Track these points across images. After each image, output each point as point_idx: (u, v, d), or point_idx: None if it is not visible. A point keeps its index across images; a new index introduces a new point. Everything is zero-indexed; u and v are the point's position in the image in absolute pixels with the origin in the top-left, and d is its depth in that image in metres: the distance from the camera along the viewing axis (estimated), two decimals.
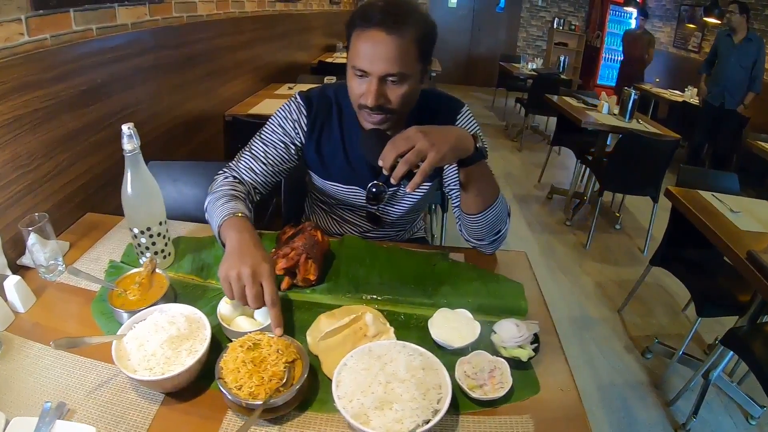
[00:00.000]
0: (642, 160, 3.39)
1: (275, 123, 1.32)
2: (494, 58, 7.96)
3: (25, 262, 1.22)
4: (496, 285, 1.20)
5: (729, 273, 2.26)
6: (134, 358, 0.84)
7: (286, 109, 1.31)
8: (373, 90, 1.07)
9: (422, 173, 0.94)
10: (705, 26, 6.60)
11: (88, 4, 1.64)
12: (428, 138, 0.94)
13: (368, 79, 1.08)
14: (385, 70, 1.06)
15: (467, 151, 1.02)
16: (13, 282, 1.04)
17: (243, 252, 0.98)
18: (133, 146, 1.06)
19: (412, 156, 0.93)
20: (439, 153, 0.94)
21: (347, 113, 1.29)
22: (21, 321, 1.03)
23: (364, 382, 0.79)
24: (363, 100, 1.10)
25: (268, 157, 1.31)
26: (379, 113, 1.12)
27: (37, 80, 1.40)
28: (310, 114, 1.29)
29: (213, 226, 1.15)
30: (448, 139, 0.98)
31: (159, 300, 1.00)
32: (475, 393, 0.85)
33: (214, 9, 2.69)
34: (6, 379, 0.87)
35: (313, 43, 5.53)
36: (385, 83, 1.09)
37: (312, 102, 1.30)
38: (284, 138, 1.31)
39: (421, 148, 0.93)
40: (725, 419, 2.14)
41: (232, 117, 2.83)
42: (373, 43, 1.05)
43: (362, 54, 1.06)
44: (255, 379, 0.77)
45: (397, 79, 1.08)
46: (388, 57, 1.05)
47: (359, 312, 0.99)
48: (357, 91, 1.12)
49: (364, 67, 1.07)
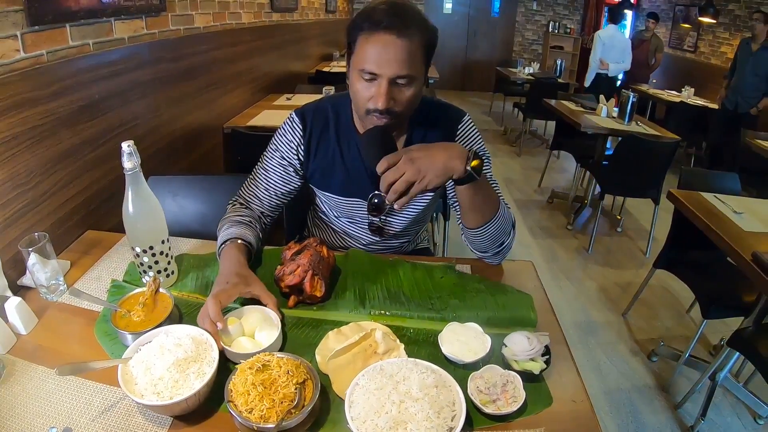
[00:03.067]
0: (642, 162, 3.39)
1: (273, 148, 1.34)
2: (491, 62, 8.00)
3: (25, 282, 1.20)
4: (505, 297, 1.19)
5: (733, 274, 2.25)
6: (141, 382, 0.82)
7: (281, 132, 1.33)
8: (384, 92, 1.07)
9: (409, 197, 1.01)
10: (700, 26, 6.64)
11: (84, 18, 1.63)
12: (416, 165, 0.99)
13: (377, 82, 1.08)
14: (396, 72, 1.06)
15: (457, 173, 1.03)
16: (15, 303, 1.02)
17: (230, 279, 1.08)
18: (133, 164, 1.05)
19: (400, 185, 0.99)
20: (425, 181, 0.99)
21: (345, 126, 1.29)
22: (23, 343, 1.01)
23: (378, 402, 0.78)
24: (372, 104, 1.10)
25: (269, 182, 1.34)
26: (388, 116, 1.11)
27: (35, 97, 1.39)
28: (305, 130, 1.30)
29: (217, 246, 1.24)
30: (435, 165, 1.00)
31: (164, 321, 0.98)
32: (489, 408, 0.84)
33: (210, 21, 2.69)
34: (10, 403, 0.86)
35: (310, 53, 5.54)
36: (394, 86, 1.09)
37: (306, 118, 1.30)
38: (282, 162, 1.32)
39: (408, 177, 0.98)
40: (734, 420, 2.13)
41: (231, 129, 2.82)
42: (383, 45, 1.05)
43: (372, 57, 1.06)
44: (266, 402, 0.76)
45: (406, 81, 1.09)
46: (397, 59, 1.05)
47: (368, 329, 0.98)
48: (365, 94, 1.11)
49: (373, 69, 1.06)
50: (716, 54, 6.47)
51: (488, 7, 9.25)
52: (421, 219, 1.46)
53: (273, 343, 0.94)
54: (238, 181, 1.65)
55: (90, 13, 1.65)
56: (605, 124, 3.80)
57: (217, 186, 1.71)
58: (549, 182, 4.82)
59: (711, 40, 6.59)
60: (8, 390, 0.88)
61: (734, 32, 6.03)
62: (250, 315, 1.02)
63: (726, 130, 4.87)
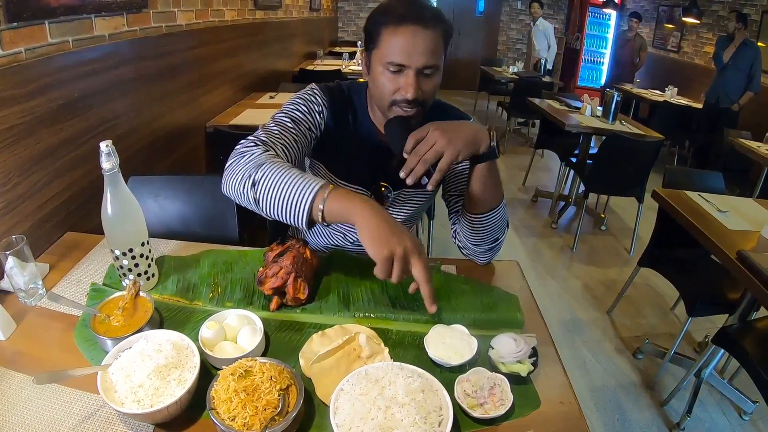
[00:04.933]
0: (626, 161, 3.42)
1: (300, 103, 1.24)
2: (475, 61, 8.00)
3: (3, 286, 1.16)
4: (491, 297, 1.18)
5: (717, 272, 2.28)
6: (121, 389, 0.80)
7: (308, 96, 1.25)
8: (413, 82, 1.08)
9: (440, 171, 1.00)
10: (684, 26, 6.73)
11: (63, 15, 1.59)
12: (445, 136, 1.00)
13: (405, 73, 1.09)
14: (424, 62, 1.08)
15: (484, 145, 1.06)
16: None
17: (393, 226, 0.91)
18: (111, 164, 1.02)
19: (430, 155, 0.99)
20: (455, 150, 1.00)
21: (360, 112, 1.29)
22: (1, 349, 0.99)
23: (363, 408, 0.76)
24: (401, 94, 1.10)
25: (299, 132, 1.20)
26: (415, 106, 1.12)
27: (13, 95, 1.36)
28: (330, 106, 1.26)
29: (292, 192, 0.95)
30: (464, 137, 1.02)
31: (144, 326, 0.96)
32: (476, 412, 0.83)
33: (193, 18, 2.65)
34: None
35: (294, 51, 5.50)
36: (420, 76, 1.10)
37: (334, 94, 1.27)
38: (309, 118, 1.23)
39: (438, 148, 0.99)
40: (719, 416, 2.16)
41: (214, 128, 2.79)
42: (411, 37, 1.06)
43: (399, 49, 1.07)
44: (249, 409, 0.74)
45: (432, 71, 1.11)
46: (425, 50, 1.07)
47: (352, 332, 0.96)
48: (390, 87, 1.11)
49: (402, 61, 1.07)
50: (699, 54, 6.55)
51: (472, 6, 9.26)
52: (414, 216, 1.45)
53: (256, 348, 0.93)
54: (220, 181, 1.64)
55: (70, 9, 1.62)
56: (589, 123, 3.82)
57: (198, 186, 1.69)
58: (533, 181, 4.85)
59: (694, 40, 6.67)
60: None
61: (717, 32, 6.11)
62: (232, 319, 1.00)
63: (710, 128, 4.97)
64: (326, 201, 0.93)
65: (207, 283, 1.19)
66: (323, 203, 0.93)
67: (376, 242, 0.88)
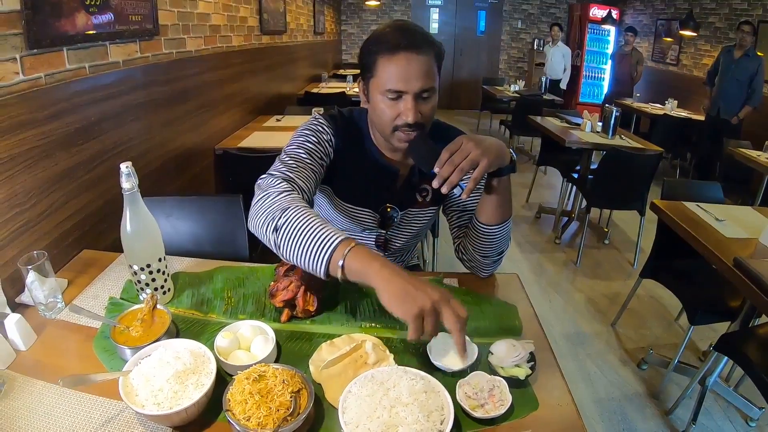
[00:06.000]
0: (626, 175, 3.46)
1: (309, 134, 1.27)
2: (477, 81, 8.12)
3: (24, 300, 1.22)
4: (490, 307, 1.23)
5: (718, 280, 2.29)
6: (142, 393, 0.85)
7: (315, 127, 1.29)
8: (412, 107, 1.13)
9: (475, 180, 1.04)
10: (681, 39, 6.81)
11: (80, 42, 1.67)
12: (480, 147, 1.04)
13: (403, 98, 1.14)
14: (421, 86, 1.13)
15: (508, 158, 1.12)
16: (14, 320, 1.04)
17: (415, 282, 0.90)
18: (131, 185, 1.08)
19: (466, 164, 1.03)
20: (489, 160, 1.04)
21: (366, 136, 1.33)
22: (22, 359, 1.03)
23: (369, 407, 0.81)
24: (402, 119, 1.15)
25: (314, 163, 1.23)
26: (416, 129, 1.17)
27: (32, 119, 1.42)
28: (336, 133, 1.30)
29: (313, 244, 0.95)
30: (494, 148, 1.07)
31: (162, 336, 1.01)
32: (477, 412, 0.87)
33: (202, 44, 2.75)
34: (10, 417, 0.87)
35: (299, 74, 5.62)
36: (419, 99, 1.15)
37: (338, 122, 1.32)
38: (320, 147, 1.26)
39: (474, 157, 1.03)
40: (725, 423, 2.16)
41: (223, 150, 2.86)
42: (406, 64, 1.11)
43: (397, 76, 1.12)
44: (263, 410, 0.79)
45: (429, 93, 1.16)
46: (421, 74, 1.12)
47: (359, 340, 1.01)
48: (391, 113, 1.16)
49: (399, 87, 1.12)
50: (698, 66, 6.62)
51: (474, 26, 9.43)
52: (420, 233, 1.50)
53: (268, 355, 0.97)
54: (231, 202, 1.69)
55: (86, 37, 1.70)
56: (589, 139, 3.87)
57: (210, 206, 1.73)
58: (536, 197, 4.90)
59: (693, 53, 6.75)
60: (9, 405, 0.90)
61: (715, 44, 6.18)
62: (245, 329, 1.05)
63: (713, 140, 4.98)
64: (346, 259, 0.92)
65: (220, 296, 1.24)
66: (343, 260, 0.92)
67: (402, 302, 0.87)
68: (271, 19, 4.15)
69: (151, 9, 2.11)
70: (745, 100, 4.80)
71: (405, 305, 0.86)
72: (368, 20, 9.31)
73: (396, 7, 9.26)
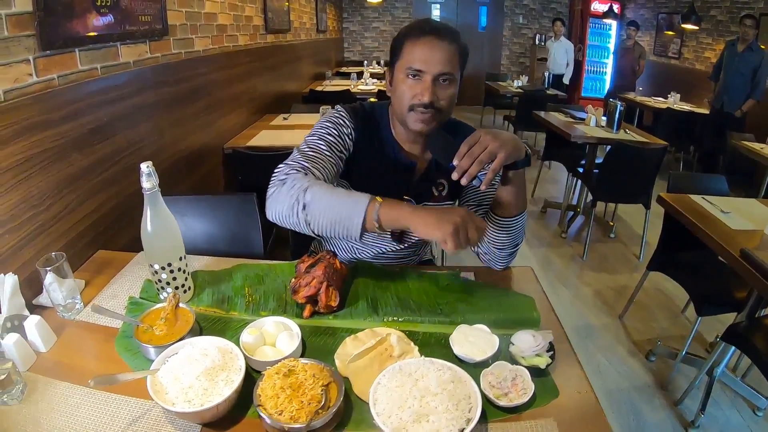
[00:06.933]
0: (632, 169, 3.48)
1: (330, 126, 1.30)
2: (479, 77, 8.11)
3: (41, 301, 1.22)
4: (508, 299, 1.25)
5: (724, 272, 2.32)
6: (172, 391, 0.85)
7: (337, 119, 1.32)
8: (429, 87, 1.19)
9: (494, 171, 1.08)
10: (683, 33, 6.81)
11: (92, 43, 1.68)
12: (497, 140, 1.07)
13: (422, 78, 1.19)
14: (440, 69, 1.18)
15: (523, 152, 1.15)
16: (34, 321, 1.04)
17: (441, 210, 1.05)
18: (152, 184, 1.08)
19: (485, 156, 1.05)
20: (507, 153, 1.07)
21: (384, 130, 1.37)
22: (43, 360, 1.03)
23: (400, 398, 0.83)
24: (418, 99, 1.20)
25: (332, 155, 1.26)
26: (431, 110, 1.21)
27: (47, 120, 1.43)
28: (356, 127, 1.34)
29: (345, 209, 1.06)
30: (511, 142, 1.10)
31: (186, 334, 1.01)
32: (502, 401, 0.90)
33: (209, 44, 2.76)
34: (35, 419, 0.87)
35: (303, 73, 5.63)
36: (437, 83, 1.20)
37: (358, 115, 1.36)
38: (341, 140, 1.30)
39: (492, 149, 1.06)
40: (732, 413, 2.18)
41: (232, 149, 2.88)
42: (429, 46, 1.18)
43: (418, 56, 1.19)
44: (295, 404, 0.80)
45: (448, 80, 1.21)
46: (441, 59, 1.18)
47: (384, 334, 1.03)
48: (410, 92, 1.21)
49: (420, 67, 1.18)
50: (700, 59, 6.63)
51: (475, 22, 9.42)
52: None
53: (294, 351, 0.99)
54: (246, 200, 1.70)
55: (98, 38, 1.71)
56: (594, 133, 3.89)
57: (224, 205, 1.74)
58: (541, 192, 4.91)
59: (694, 46, 6.75)
60: (33, 407, 0.90)
61: (717, 37, 6.18)
62: (270, 325, 1.06)
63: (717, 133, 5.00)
64: (379, 212, 1.05)
65: (241, 294, 1.25)
66: (376, 214, 1.05)
67: (438, 226, 1.00)
68: (275, 17, 4.16)
69: (160, 9, 2.12)
70: (749, 94, 4.81)
71: (442, 227, 0.99)
72: (370, 17, 9.32)
73: (398, 4, 9.25)
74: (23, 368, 0.99)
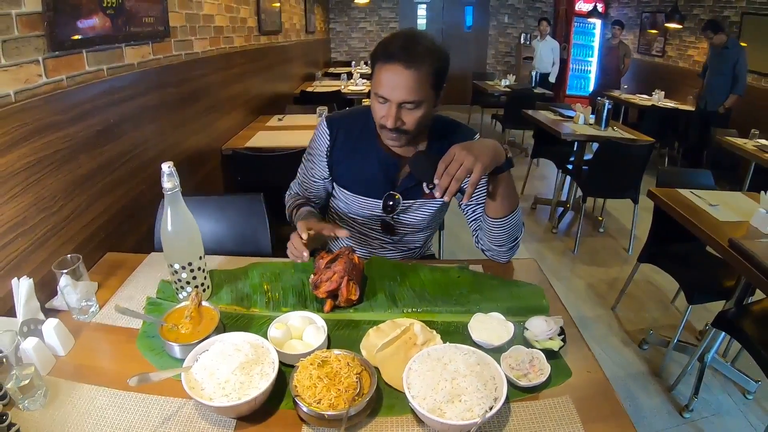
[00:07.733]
0: (620, 165, 3.56)
1: (314, 139, 1.51)
2: (466, 76, 8.15)
3: (54, 305, 1.21)
4: (518, 289, 1.31)
5: (712, 262, 2.42)
6: (208, 386, 0.87)
7: (317, 131, 1.50)
8: (392, 114, 1.23)
9: (472, 185, 1.10)
10: (667, 31, 6.92)
11: (99, 44, 1.69)
12: (471, 155, 1.10)
13: (388, 104, 1.24)
14: (402, 98, 1.21)
15: (502, 157, 1.18)
16: (53, 325, 1.03)
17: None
18: (173, 184, 1.10)
19: (462, 173, 1.09)
20: (483, 165, 1.10)
21: (369, 133, 1.42)
22: (63, 364, 1.03)
23: (432, 380, 0.88)
24: (384, 121, 1.26)
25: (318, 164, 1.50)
26: (397, 133, 1.27)
27: (57, 121, 1.43)
28: (332, 134, 1.45)
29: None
30: (487, 151, 1.13)
31: (212, 331, 1.03)
32: (522, 382, 0.95)
33: (207, 45, 2.77)
34: (61, 422, 0.87)
35: (294, 73, 5.64)
36: (402, 108, 1.23)
37: (333, 124, 1.45)
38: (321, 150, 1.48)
39: (468, 165, 1.09)
40: (724, 397, 2.27)
41: (231, 150, 2.89)
42: (393, 74, 1.20)
43: (384, 84, 1.22)
44: (333, 392, 0.84)
45: (413, 105, 1.23)
46: (405, 87, 1.20)
47: (406, 324, 1.07)
48: (379, 113, 1.28)
49: (385, 94, 1.23)
50: (683, 57, 6.74)
51: (461, 22, 9.47)
52: (429, 225, 1.57)
53: (322, 343, 1.02)
54: (253, 200, 1.73)
55: (104, 39, 1.72)
56: (583, 131, 3.96)
57: (230, 205, 1.76)
58: (531, 189, 4.99)
59: (678, 45, 6.86)
60: (57, 410, 0.90)
61: (700, 36, 6.25)
62: (295, 320, 1.09)
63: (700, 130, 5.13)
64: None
65: (259, 291, 1.28)
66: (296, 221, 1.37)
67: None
68: (267, 19, 4.17)
69: (163, 11, 2.13)
70: (730, 89, 4.91)
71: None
72: (356, 18, 9.31)
73: (384, 5, 9.24)
74: (43, 372, 0.99)
